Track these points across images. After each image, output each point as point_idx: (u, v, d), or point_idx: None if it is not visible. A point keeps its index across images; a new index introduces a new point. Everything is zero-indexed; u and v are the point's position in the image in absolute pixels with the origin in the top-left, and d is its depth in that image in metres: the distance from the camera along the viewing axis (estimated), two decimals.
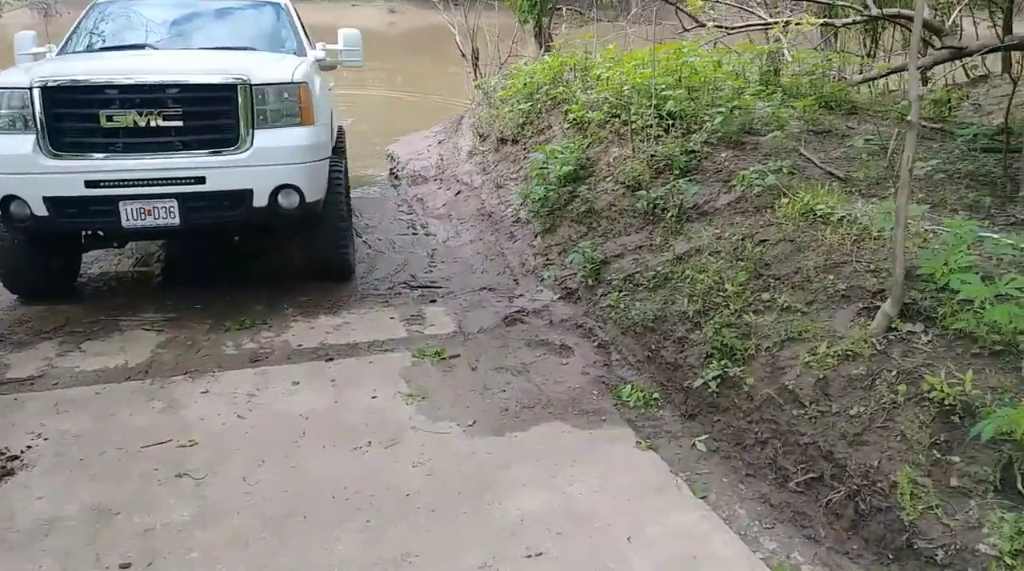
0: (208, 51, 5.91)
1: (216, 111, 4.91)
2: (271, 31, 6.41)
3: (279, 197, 5.03)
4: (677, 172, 5.72)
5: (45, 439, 3.51)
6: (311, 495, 3.05)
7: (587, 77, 7.77)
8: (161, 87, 4.85)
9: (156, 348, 4.61)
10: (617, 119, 6.83)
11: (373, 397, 3.91)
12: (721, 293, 4.00)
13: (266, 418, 3.70)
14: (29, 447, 3.43)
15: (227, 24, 6.34)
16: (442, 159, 9.87)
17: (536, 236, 6.17)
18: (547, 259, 5.77)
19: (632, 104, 6.72)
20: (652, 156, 5.95)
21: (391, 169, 10.72)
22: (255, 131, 4.93)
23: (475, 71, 12.42)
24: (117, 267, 6.35)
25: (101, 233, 5.29)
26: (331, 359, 4.41)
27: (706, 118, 6.16)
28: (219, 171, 4.87)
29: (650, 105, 6.27)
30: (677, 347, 3.94)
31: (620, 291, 4.70)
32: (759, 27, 9.13)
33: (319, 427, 3.60)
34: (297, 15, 6.94)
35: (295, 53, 6.09)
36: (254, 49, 6.00)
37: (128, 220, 4.83)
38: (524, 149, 7.99)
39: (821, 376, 3.18)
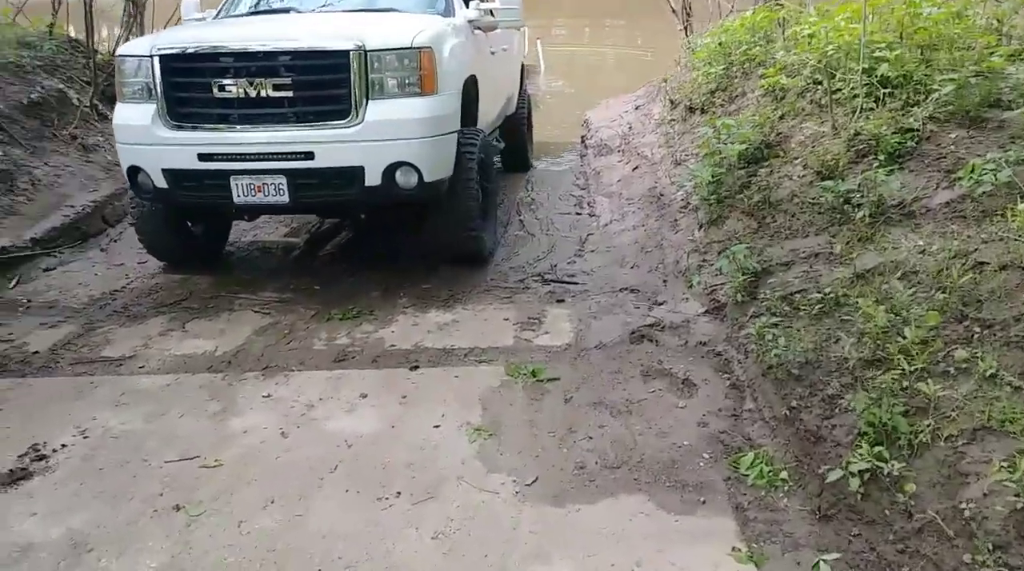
0: (347, 13, 5.51)
1: (327, 80, 4.47)
2: None
3: (396, 175, 4.53)
4: (883, 157, 4.47)
5: (86, 437, 3.28)
6: (294, 564, 2.50)
7: (792, 35, 6.48)
8: (272, 55, 4.48)
9: (253, 334, 4.33)
10: (819, 87, 5.57)
11: (436, 426, 3.29)
12: (899, 339, 2.89)
13: (309, 440, 3.22)
14: (64, 445, 3.21)
15: None
16: (630, 128, 8.96)
17: (699, 227, 5.18)
18: (704, 258, 4.79)
19: (838, 68, 5.44)
20: (855, 134, 4.72)
21: (583, 136, 9.97)
22: (369, 102, 4.44)
23: (686, 28, 11.24)
24: (270, 236, 6.25)
25: (218, 209, 5.13)
26: (416, 367, 3.86)
27: (935, 86, 4.79)
28: (328, 146, 4.44)
29: (858, 69, 4.99)
30: (825, 409, 2.90)
31: (773, 313, 3.67)
32: None
33: (356, 461, 3.05)
34: None
35: (443, 13, 5.51)
36: (396, 10, 5.49)
37: (240, 196, 4.57)
38: (715, 119, 6.90)
39: None
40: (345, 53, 4.39)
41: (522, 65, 8.68)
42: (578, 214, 6.70)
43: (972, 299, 3.01)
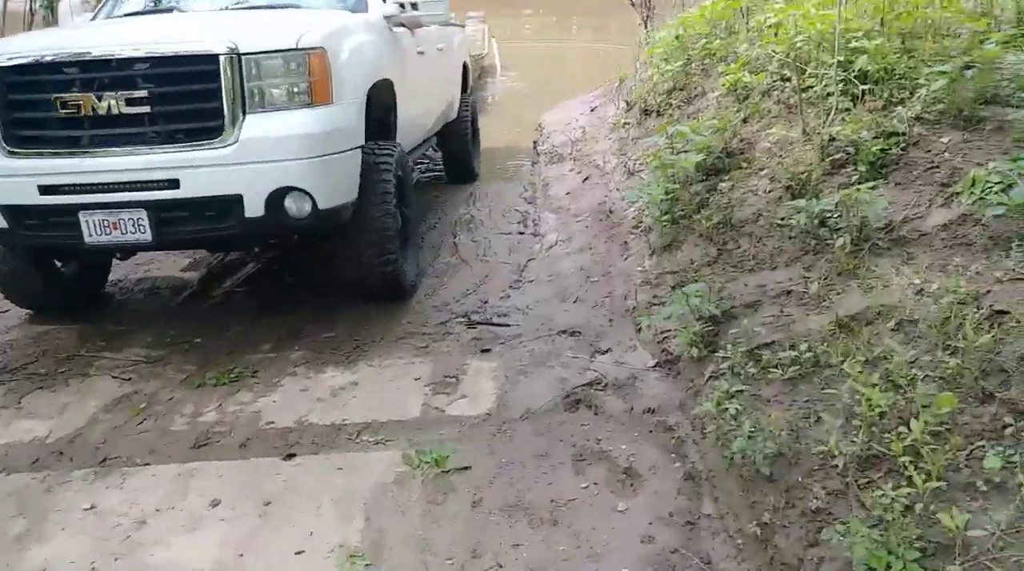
0: (238, 11, 4.69)
1: (193, 92, 3.64)
2: None
3: (284, 203, 3.71)
4: (864, 168, 3.73)
5: None
6: None
7: (756, 25, 5.74)
8: (125, 63, 3.64)
9: (100, 411, 3.49)
10: (787, 84, 4.84)
11: (299, 552, 2.49)
12: (903, 430, 2.13)
13: None
14: None
15: None
16: (584, 133, 8.21)
17: (651, 253, 4.41)
18: (655, 294, 4.02)
19: (809, 62, 4.70)
20: (829, 140, 3.98)
21: (535, 142, 9.20)
22: (246, 117, 3.62)
23: (646, 21, 10.52)
24: (163, 271, 5.40)
25: (65, 252, 4.29)
26: (292, 455, 3.05)
27: (921, 81, 4.07)
28: (196, 172, 3.61)
29: (833, 63, 4.25)
30: (807, 530, 2.13)
31: (736, 375, 2.90)
32: None
33: None
34: None
35: (353, 9, 4.69)
36: (297, 6, 4.68)
37: (92, 235, 3.74)
38: (671, 123, 6.15)
39: None
40: (214, 58, 3.57)
41: (465, 65, 7.86)
42: (521, 234, 5.91)
43: (995, 368, 2.27)
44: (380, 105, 4.43)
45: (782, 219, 3.79)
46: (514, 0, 33.02)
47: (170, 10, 4.82)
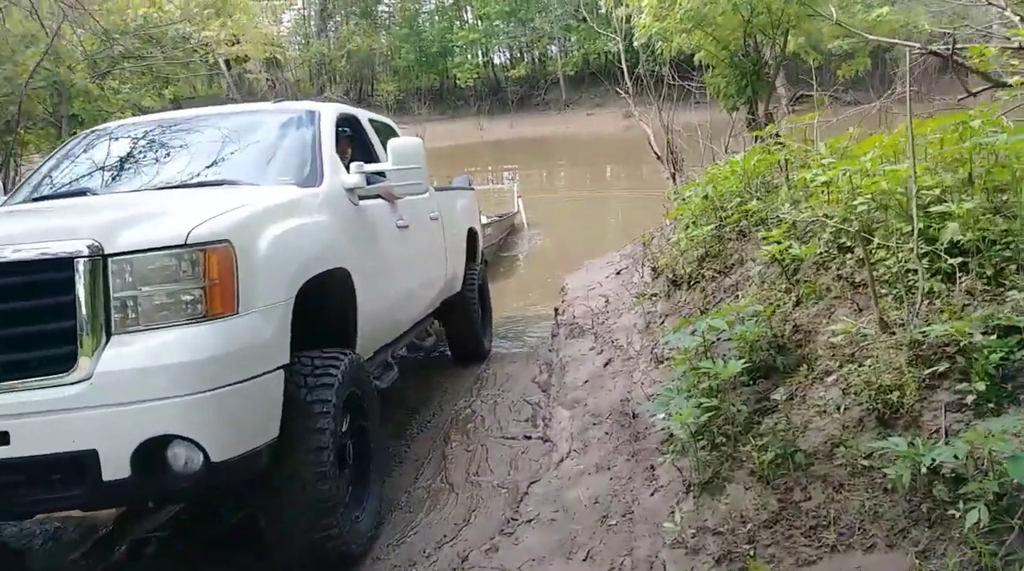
0: (156, 191, 3.90)
1: (35, 309, 2.72)
2: (282, 152, 4.26)
3: (166, 457, 2.70)
4: (980, 381, 2.61)
5: None
6: None
7: (800, 182, 4.80)
8: None
9: None
10: (848, 254, 3.81)
11: None
12: None
13: None
14: None
15: (225, 147, 4.28)
16: (607, 302, 7.23)
17: (686, 491, 3.25)
18: (692, 568, 2.82)
19: (876, 228, 3.69)
20: (918, 341, 2.89)
21: (556, 309, 8.23)
22: (110, 339, 2.67)
23: (674, 175, 9.79)
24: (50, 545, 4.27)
25: None
26: None
27: None
28: (32, 422, 2.62)
29: (910, 230, 3.23)
30: None
31: None
32: None
33: None
34: (352, 123, 4.80)
35: (304, 182, 3.87)
36: (234, 182, 3.88)
37: None
38: (704, 296, 5.13)
39: None
40: (66, 262, 2.67)
41: (472, 232, 7.03)
42: (527, 438, 4.80)
43: None
44: (326, 303, 3.50)
45: (868, 459, 2.64)
46: (549, 151, 33.63)
47: (83, 193, 4.04)
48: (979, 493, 2.17)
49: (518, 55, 47.26)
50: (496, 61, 47.46)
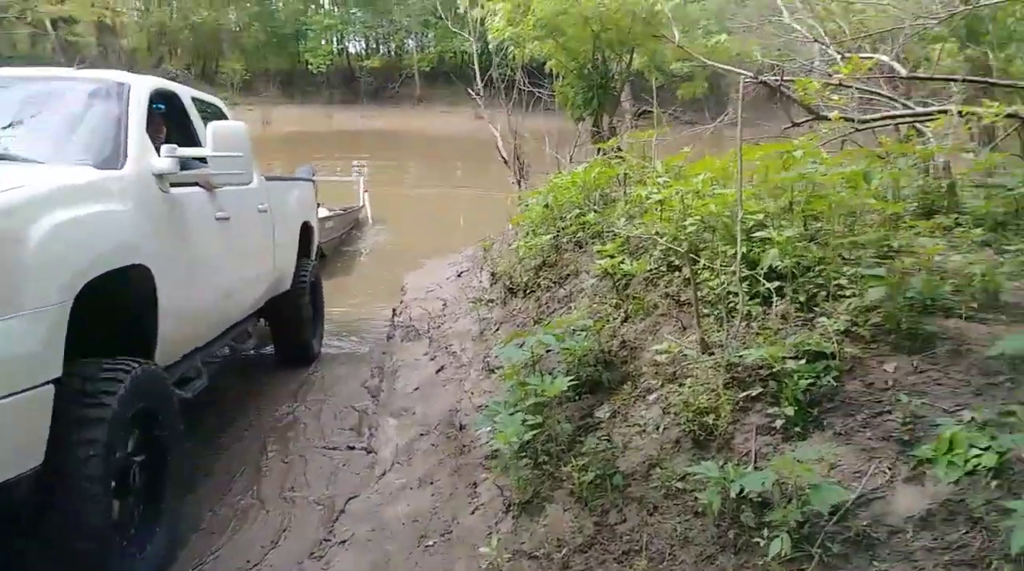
0: None
1: None
2: (79, 127, 3.73)
3: None
4: (788, 406, 2.68)
5: None
6: None
7: (635, 198, 4.87)
8: None
9: None
10: (676, 273, 3.88)
11: None
12: None
13: None
14: None
15: (6, 116, 3.73)
16: (445, 305, 7.10)
17: (506, 511, 3.16)
18: None
19: (704, 249, 3.77)
20: (734, 364, 2.94)
21: (394, 309, 8.00)
22: None
23: (519, 181, 9.80)
24: None
25: None
26: None
27: (844, 281, 3.16)
28: None
29: (734, 253, 3.31)
30: None
31: None
32: (908, 119, 6.10)
33: None
34: (170, 100, 4.34)
35: (103, 163, 3.41)
36: (13, 158, 3.36)
37: None
38: (540, 306, 5.11)
39: None
40: None
41: (307, 226, 6.65)
42: (350, 449, 4.58)
43: None
44: (120, 305, 3.12)
45: (683, 483, 2.65)
46: (400, 145, 33.13)
47: None
48: (783, 521, 2.19)
49: (374, 46, 46.29)
50: (351, 50, 46.23)
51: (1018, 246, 3.55)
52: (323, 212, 11.41)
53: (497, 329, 5.37)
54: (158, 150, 3.69)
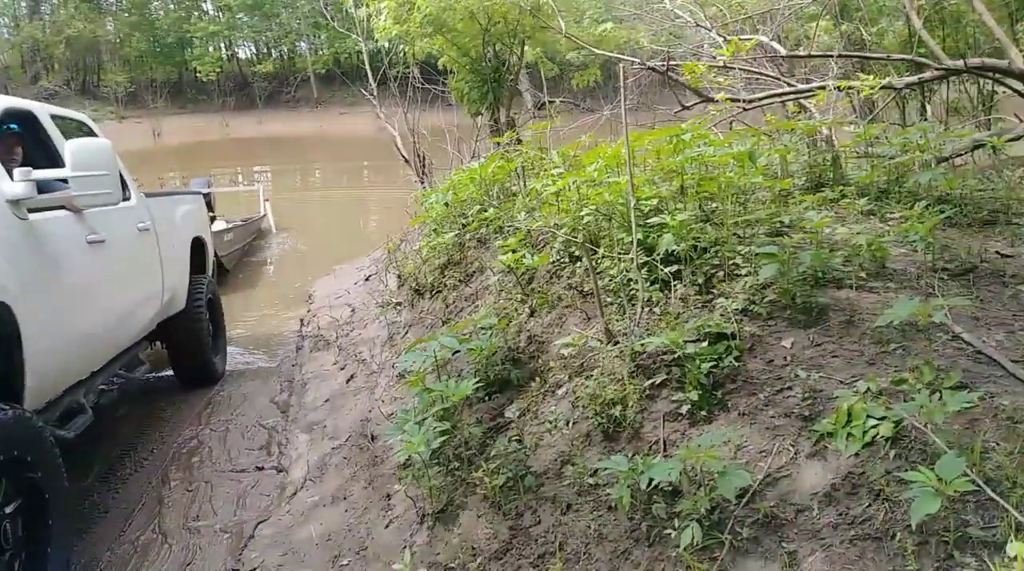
0: None
1: None
2: None
3: None
4: (693, 390, 2.69)
5: None
6: None
7: (533, 192, 4.83)
8: None
9: None
10: (578, 263, 3.86)
11: None
12: None
13: None
14: None
15: None
16: (353, 312, 6.95)
17: (420, 522, 3.07)
18: None
19: (602, 237, 3.76)
20: (638, 352, 2.93)
21: (301, 320, 7.78)
22: None
23: (422, 178, 9.66)
24: None
25: None
26: None
27: (740, 260, 3.19)
28: None
29: (632, 243, 3.30)
30: None
31: None
32: (791, 96, 6.29)
33: None
34: (25, 119, 4.01)
35: None
36: None
37: None
38: (446, 306, 5.02)
39: None
40: None
41: (200, 241, 6.33)
42: (259, 469, 4.41)
43: None
44: None
45: (595, 475, 2.62)
46: (301, 150, 32.35)
47: None
48: (693, 510, 2.18)
49: (265, 51, 45.12)
50: (241, 55, 44.99)
51: (901, 213, 3.68)
52: (221, 224, 11.01)
53: (406, 333, 5.26)
54: (11, 174, 3.39)
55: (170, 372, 6.06)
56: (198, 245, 6.23)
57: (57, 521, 2.98)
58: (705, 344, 2.81)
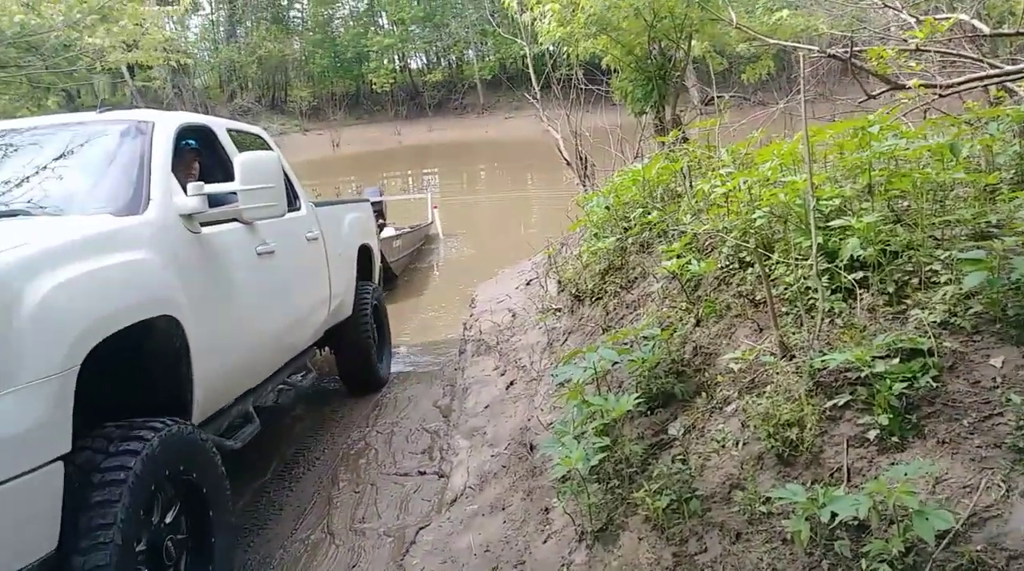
0: None
1: None
2: (100, 173, 3.56)
3: None
4: (882, 413, 2.39)
5: None
6: None
7: (700, 194, 4.58)
8: None
9: None
10: (748, 269, 3.59)
11: None
12: None
13: None
14: None
15: (28, 167, 3.58)
16: (514, 316, 6.92)
17: (579, 539, 2.96)
18: None
19: (776, 241, 3.48)
20: (818, 369, 2.66)
21: (464, 323, 7.90)
22: None
23: (584, 181, 9.57)
24: None
25: None
26: None
27: (938, 266, 2.84)
28: None
29: (809, 245, 3.01)
30: None
31: None
32: (995, 79, 5.61)
33: None
34: (203, 135, 4.25)
35: (123, 210, 3.21)
36: (28, 214, 3.18)
37: None
38: (607, 313, 4.87)
39: None
40: None
41: (366, 249, 6.51)
42: (422, 474, 4.47)
43: None
44: (142, 362, 2.98)
45: (767, 503, 2.39)
46: (468, 155, 33.26)
47: None
48: (884, 551, 1.92)
49: (435, 60, 46.87)
50: (413, 66, 46.97)
51: None
52: (390, 231, 11.44)
53: (566, 339, 5.16)
54: (185, 189, 3.52)
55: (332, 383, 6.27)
56: (365, 252, 6.42)
57: (220, 538, 3.00)
58: (897, 361, 2.51)
